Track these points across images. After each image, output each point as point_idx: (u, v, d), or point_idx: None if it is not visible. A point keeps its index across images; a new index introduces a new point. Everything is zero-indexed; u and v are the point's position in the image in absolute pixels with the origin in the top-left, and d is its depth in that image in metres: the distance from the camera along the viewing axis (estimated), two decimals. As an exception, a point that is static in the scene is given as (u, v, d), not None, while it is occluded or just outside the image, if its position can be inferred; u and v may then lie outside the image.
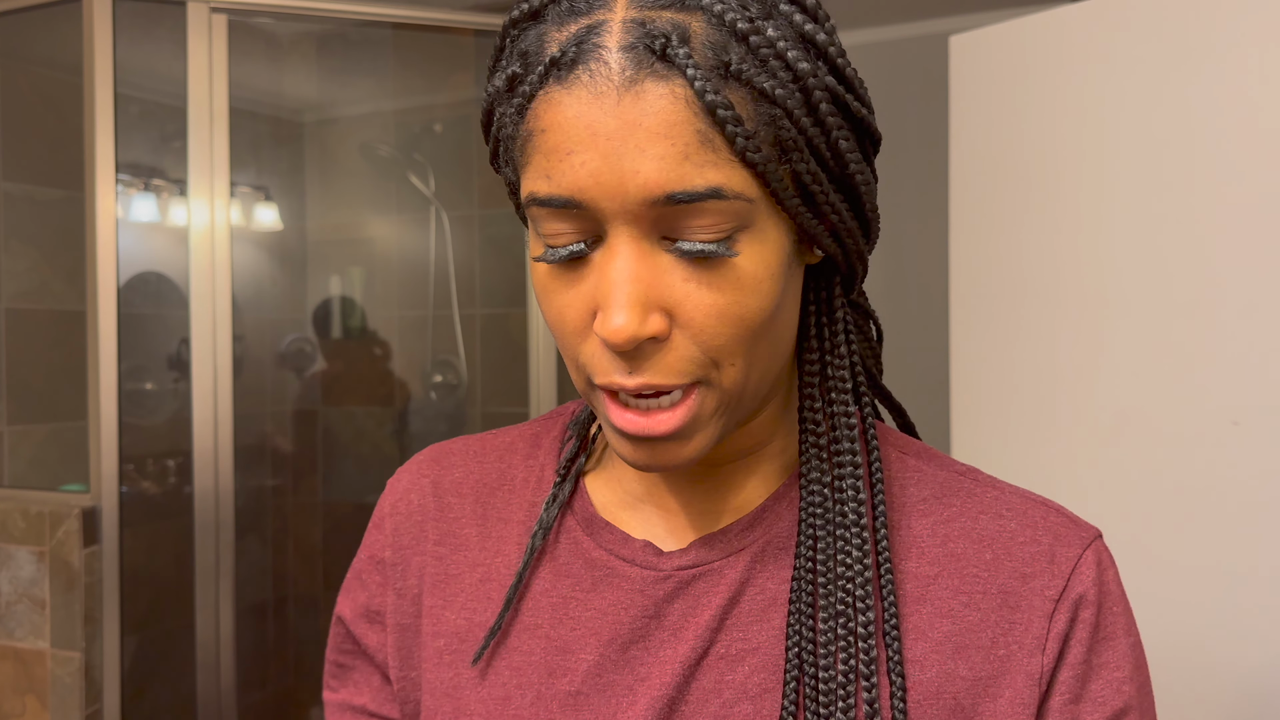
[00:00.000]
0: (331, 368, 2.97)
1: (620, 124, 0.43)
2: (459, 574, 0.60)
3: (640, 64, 0.43)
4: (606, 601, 0.55)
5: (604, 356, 0.47)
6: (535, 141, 0.46)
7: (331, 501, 2.94)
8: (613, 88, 0.43)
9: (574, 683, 0.54)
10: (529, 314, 2.21)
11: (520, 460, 0.63)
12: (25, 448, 2.29)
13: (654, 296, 0.45)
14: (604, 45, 0.43)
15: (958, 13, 2.50)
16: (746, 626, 0.53)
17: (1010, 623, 0.52)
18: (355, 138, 2.98)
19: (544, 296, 0.49)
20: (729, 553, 0.55)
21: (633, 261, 0.45)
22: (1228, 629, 1.39)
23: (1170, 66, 1.45)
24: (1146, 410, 1.48)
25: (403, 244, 2.96)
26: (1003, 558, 0.53)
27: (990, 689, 0.51)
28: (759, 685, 0.52)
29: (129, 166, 2.43)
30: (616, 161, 0.43)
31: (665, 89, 0.43)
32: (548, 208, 0.45)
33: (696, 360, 0.47)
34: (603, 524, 0.57)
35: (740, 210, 0.45)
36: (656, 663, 0.54)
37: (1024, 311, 1.64)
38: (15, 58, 2.28)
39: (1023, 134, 1.64)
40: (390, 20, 2.19)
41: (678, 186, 0.43)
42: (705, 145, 0.43)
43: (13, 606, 1.92)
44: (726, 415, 0.49)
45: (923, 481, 0.57)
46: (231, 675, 2.00)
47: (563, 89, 0.44)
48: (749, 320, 0.47)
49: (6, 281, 2.26)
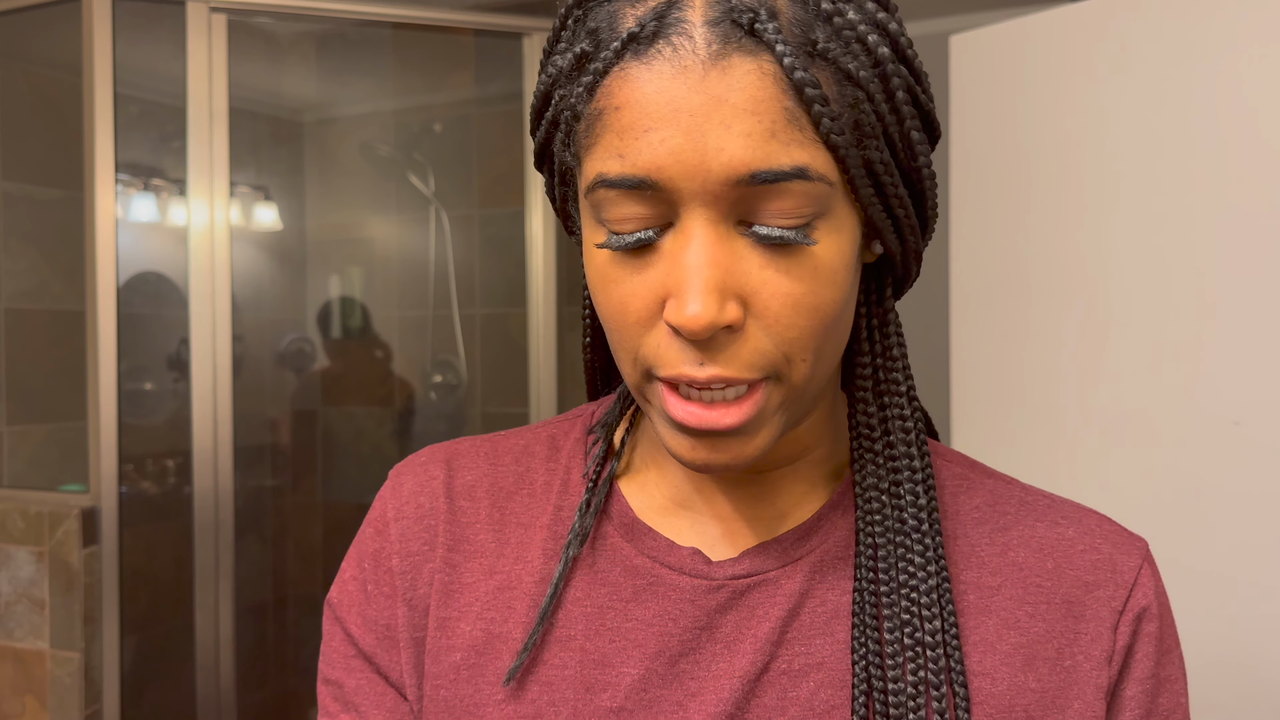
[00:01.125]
0: (331, 368, 2.97)
1: (705, 99, 0.41)
2: (472, 583, 0.56)
3: (727, 39, 0.41)
4: (651, 612, 0.52)
5: (672, 347, 0.44)
6: (606, 120, 0.43)
7: (331, 501, 2.94)
8: (698, 62, 0.41)
9: (616, 698, 0.51)
10: (529, 314, 2.21)
11: (539, 464, 0.59)
12: (25, 448, 2.29)
13: (731, 283, 0.43)
14: (688, 20, 0.42)
15: (958, 13, 2.50)
16: (809, 640, 0.51)
17: (1076, 633, 0.51)
18: (355, 138, 2.98)
19: (604, 286, 0.46)
20: (785, 562, 0.52)
21: (710, 245, 0.43)
22: (1228, 629, 1.39)
23: (1170, 66, 1.45)
24: (1147, 410, 1.48)
25: (403, 244, 2.96)
26: (1064, 566, 0.52)
27: (1058, 701, 0.50)
28: (825, 702, 0.50)
29: (129, 166, 2.43)
30: (700, 138, 0.41)
31: (753, 64, 0.41)
32: (618, 189, 0.43)
33: (768, 354, 0.44)
34: (644, 529, 0.54)
35: (820, 195, 0.43)
36: (710, 678, 0.50)
37: (1024, 311, 1.64)
38: (15, 58, 2.28)
39: (1023, 134, 1.64)
40: (390, 20, 2.19)
41: (763, 164, 0.41)
42: (792, 124, 0.42)
43: (12, 607, 1.92)
44: (788, 413, 0.47)
45: (973, 490, 0.55)
46: (231, 675, 2.00)
47: (641, 64, 0.42)
48: (823, 313, 0.45)
49: (6, 281, 2.26)
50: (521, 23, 2.18)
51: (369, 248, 3.00)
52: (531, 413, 2.21)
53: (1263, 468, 1.36)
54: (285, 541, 2.92)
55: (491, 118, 2.80)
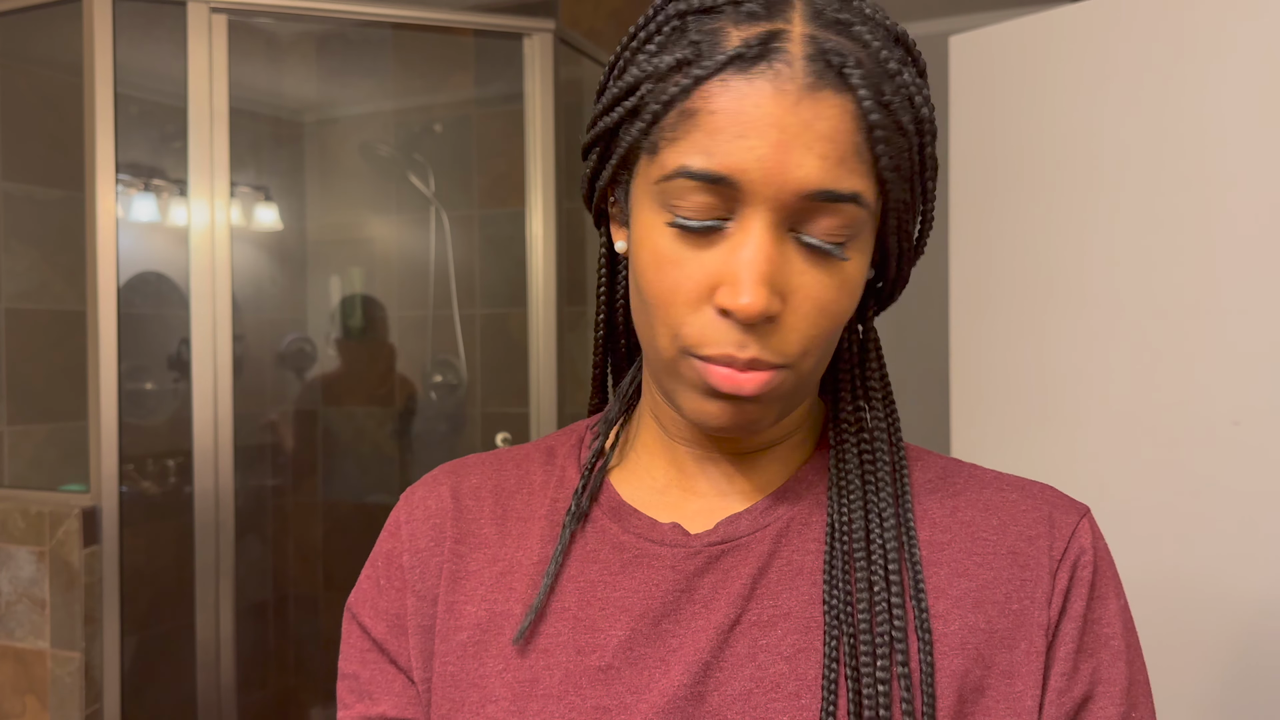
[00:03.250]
0: (331, 368, 2.97)
1: (796, 121, 0.49)
2: (477, 570, 0.62)
3: (821, 75, 0.49)
4: (636, 581, 0.58)
5: (718, 329, 0.51)
6: (699, 120, 0.50)
7: (331, 501, 2.94)
8: (795, 88, 0.49)
9: (604, 658, 0.56)
10: (529, 314, 2.21)
11: (538, 467, 0.66)
12: (25, 448, 2.29)
13: (778, 279, 0.50)
14: (789, 50, 0.49)
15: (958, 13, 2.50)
16: (777, 594, 0.57)
17: (1021, 580, 0.57)
18: (355, 138, 2.98)
19: (662, 265, 0.52)
20: (756, 528, 0.59)
21: (768, 245, 0.50)
22: (1228, 629, 1.39)
23: (1170, 66, 1.45)
24: (1147, 410, 1.48)
25: (403, 244, 2.96)
26: (1008, 523, 0.59)
27: (1008, 641, 0.56)
28: (793, 646, 0.55)
29: (129, 166, 2.43)
30: (784, 153, 0.49)
31: (838, 100, 0.49)
32: (697, 180, 0.50)
33: (793, 344, 0.52)
34: (630, 510, 0.61)
35: (862, 220, 0.51)
36: (689, 633, 0.56)
37: (1024, 311, 1.64)
38: (15, 58, 2.28)
39: (1023, 134, 1.64)
40: (390, 20, 2.19)
41: (832, 185, 0.49)
42: (857, 156, 0.50)
43: (13, 606, 1.92)
44: (791, 398, 0.55)
45: (927, 468, 0.63)
46: (231, 675, 2.00)
47: (743, 78, 0.49)
48: (839, 319, 0.53)
49: (6, 281, 2.26)
50: (521, 23, 2.18)
51: (369, 248, 3.00)
52: (531, 413, 2.21)
53: (1263, 468, 1.36)
54: (285, 541, 2.92)
55: (491, 118, 2.80)
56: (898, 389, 0.73)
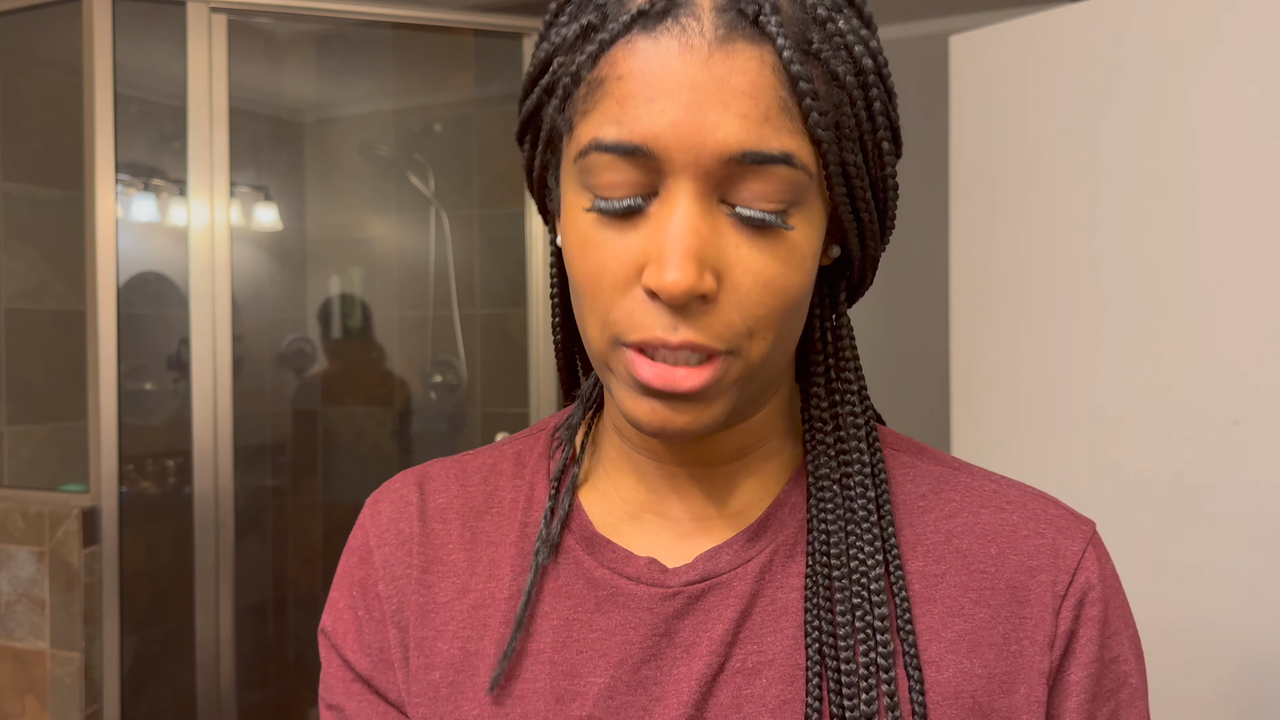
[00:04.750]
0: (331, 368, 2.97)
1: (709, 78, 0.44)
2: (447, 602, 0.57)
3: (733, 26, 0.44)
4: (613, 622, 0.54)
5: (647, 312, 0.46)
6: (607, 87, 0.46)
7: (331, 501, 2.94)
8: (704, 43, 0.44)
9: (585, 707, 0.53)
10: (529, 314, 2.21)
11: (507, 481, 0.61)
12: (25, 448, 2.29)
13: (709, 255, 0.45)
14: (696, 3, 0.45)
15: (958, 13, 2.50)
16: (761, 638, 0.53)
17: (1021, 618, 0.52)
18: (355, 138, 2.98)
19: (585, 249, 0.48)
20: (737, 564, 0.54)
21: (694, 217, 0.45)
22: (1227, 629, 1.39)
23: (1170, 66, 1.45)
24: (1146, 410, 1.48)
25: (402, 244, 2.96)
26: (1008, 552, 0.54)
27: (1005, 685, 0.51)
28: (777, 697, 0.52)
29: (129, 166, 2.43)
30: (699, 114, 0.44)
31: (755, 52, 0.44)
32: (611, 154, 0.45)
33: (736, 327, 0.47)
34: (603, 542, 0.56)
35: (800, 183, 0.46)
36: (671, 681, 0.53)
37: (1024, 311, 1.64)
38: (15, 58, 2.28)
39: (1023, 134, 1.64)
40: (390, 20, 2.19)
41: (756, 145, 0.44)
42: (784, 112, 0.45)
43: (12, 606, 1.92)
44: (742, 390, 0.49)
45: (919, 478, 0.57)
46: (231, 675, 2.00)
47: (649, 38, 0.45)
48: (790, 295, 0.47)
49: (6, 281, 2.26)
50: (521, 23, 2.18)
51: (369, 248, 3.00)
52: (531, 413, 2.21)
53: (1263, 468, 1.36)
54: (285, 541, 2.92)
55: (491, 118, 2.80)
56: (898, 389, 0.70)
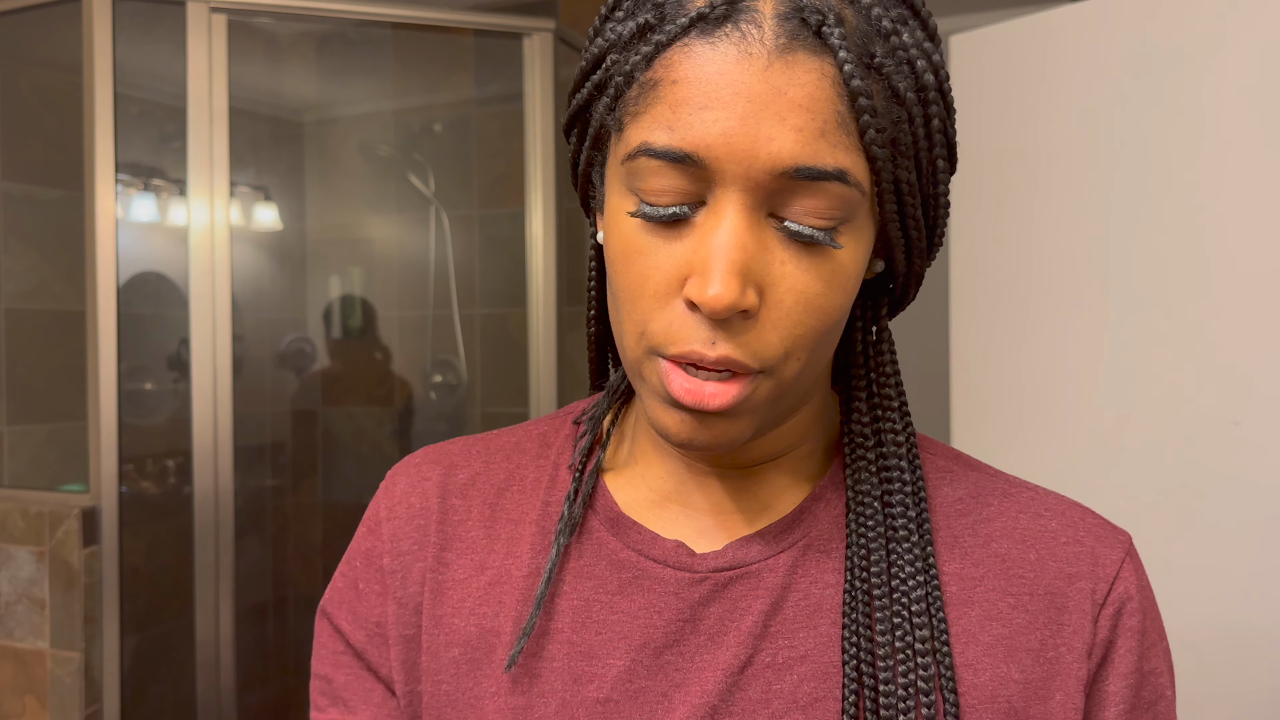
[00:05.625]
0: (331, 368, 2.97)
1: (766, 88, 0.42)
2: (465, 579, 0.57)
3: (795, 35, 0.43)
4: (636, 605, 0.53)
5: (686, 325, 0.45)
6: (661, 91, 0.44)
7: (331, 501, 2.94)
8: (764, 51, 0.43)
9: (603, 689, 0.52)
10: (529, 314, 2.21)
11: (530, 460, 0.60)
12: (25, 448, 2.29)
13: (754, 270, 0.44)
14: (759, 10, 0.43)
15: (958, 13, 2.50)
16: (793, 634, 0.51)
17: (1058, 625, 0.51)
18: (355, 138, 2.98)
19: (628, 256, 0.46)
20: (768, 555, 0.53)
21: (741, 230, 0.44)
22: (1227, 629, 1.39)
23: (1170, 66, 1.45)
24: (1147, 410, 1.48)
25: (402, 244, 2.96)
26: (1047, 558, 0.53)
27: (1041, 692, 0.50)
28: (809, 694, 0.50)
29: (129, 166, 2.43)
30: (753, 125, 0.42)
31: (815, 64, 0.43)
32: (661, 160, 0.44)
33: (773, 346, 0.45)
34: (629, 523, 0.55)
35: (852, 201, 0.44)
36: (694, 669, 0.51)
37: (1024, 311, 1.64)
38: (15, 58, 2.28)
39: (1023, 134, 1.64)
40: (390, 20, 2.19)
41: (810, 161, 0.43)
42: (841, 128, 0.43)
43: (12, 607, 1.92)
44: (772, 408, 0.48)
45: (956, 482, 0.56)
46: (231, 675, 2.00)
47: (707, 43, 0.43)
48: (830, 315, 0.46)
49: (6, 281, 2.26)
50: (521, 23, 2.18)
51: (369, 248, 3.00)
52: (531, 413, 2.21)
53: (1263, 468, 1.36)
54: (285, 541, 2.92)
55: (491, 118, 2.80)
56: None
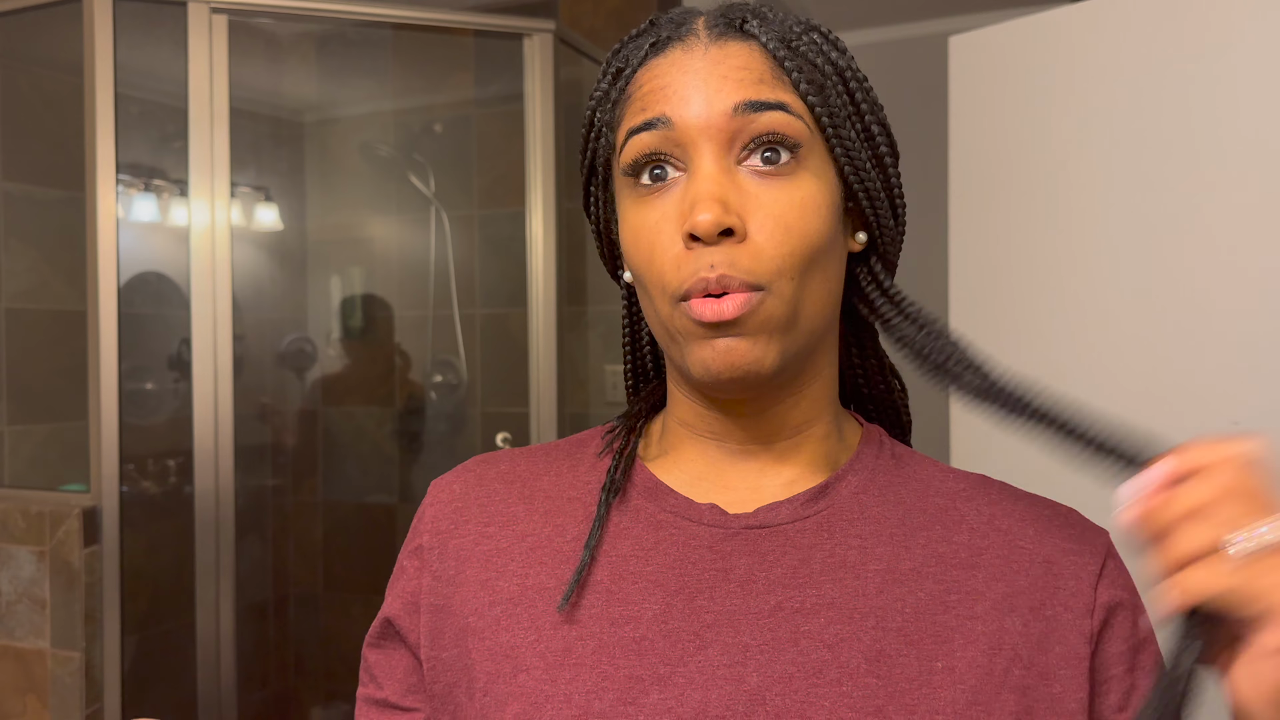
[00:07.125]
0: (332, 368, 2.97)
1: (707, 63, 0.56)
2: (508, 547, 0.63)
3: (724, 31, 0.57)
4: (670, 558, 0.59)
5: (690, 261, 0.54)
6: (633, 99, 0.58)
7: (331, 501, 2.94)
8: (701, 44, 0.57)
9: (639, 629, 0.57)
10: (529, 314, 2.21)
11: (565, 458, 0.67)
12: (25, 448, 2.29)
13: (732, 201, 0.54)
14: (694, 26, 0.58)
15: (958, 13, 2.50)
16: (820, 585, 0.57)
17: (1055, 589, 0.58)
18: (355, 138, 2.98)
19: (638, 235, 0.57)
20: (796, 518, 0.60)
21: (716, 173, 0.55)
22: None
23: (1170, 66, 1.45)
24: (1146, 410, 1.48)
25: (403, 244, 2.96)
26: (1044, 534, 0.60)
27: (1042, 644, 0.56)
28: (836, 635, 0.55)
29: (129, 166, 2.43)
30: (703, 84, 0.55)
31: (745, 45, 0.57)
32: (641, 132, 0.56)
33: (765, 263, 0.54)
34: (666, 490, 0.62)
35: (800, 131, 0.55)
36: (726, 612, 0.57)
37: (1023, 312, 1.64)
38: (15, 58, 2.28)
39: (1023, 134, 1.64)
40: (390, 20, 2.19)
41: (753, 96, 0.55)
42: (776, 79, 0.56)
43: (13, 606, 1.92)
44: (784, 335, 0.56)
45: (957, 478, 0.64)
46: (231, 675, 2.00)
47: (659, 57, 0.58)
48: (808, 238, 0.55)
49: (6, 281, 2.26)
50: (521, 23, 2.18)
51: (369, 248, 3.00)
52: (531, 413, 2.21)
53: (1262, 467, 1.36)
54: (286, 541, 2.92)
55: (491, 118, 2.80)
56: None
